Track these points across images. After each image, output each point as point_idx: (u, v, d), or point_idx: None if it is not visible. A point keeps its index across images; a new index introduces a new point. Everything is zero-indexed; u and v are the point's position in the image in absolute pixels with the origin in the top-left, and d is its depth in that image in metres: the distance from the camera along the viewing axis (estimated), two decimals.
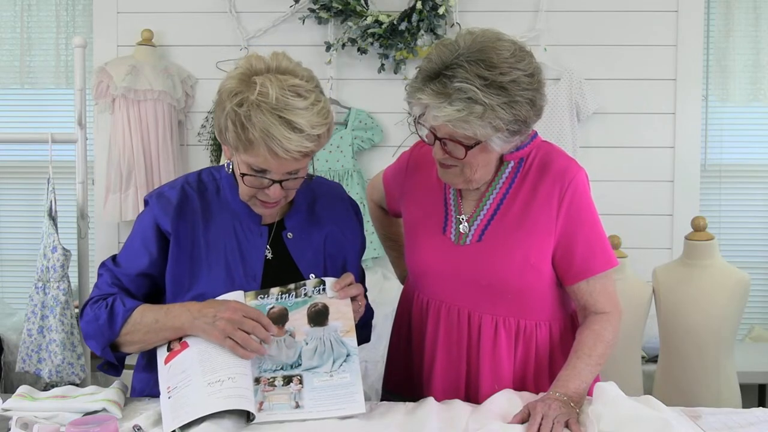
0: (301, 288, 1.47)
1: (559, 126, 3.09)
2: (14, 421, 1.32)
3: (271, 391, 1.38)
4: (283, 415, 1.36)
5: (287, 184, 1.45)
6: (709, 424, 1.38)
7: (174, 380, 1.36)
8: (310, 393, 1.39)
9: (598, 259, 1.53)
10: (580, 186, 1.52)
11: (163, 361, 1.41)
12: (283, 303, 1.45)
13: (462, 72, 1.36)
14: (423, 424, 1.36)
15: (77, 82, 2.49)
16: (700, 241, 2.27)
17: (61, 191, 2.59)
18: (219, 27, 3.21)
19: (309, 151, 1.40)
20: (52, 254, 2.44)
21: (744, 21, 3.22)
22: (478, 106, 1.36)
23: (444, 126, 1.41)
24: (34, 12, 3.34)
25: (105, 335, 1.46)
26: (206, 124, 3.18)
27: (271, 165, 1.39)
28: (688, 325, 2.23)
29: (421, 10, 3.01)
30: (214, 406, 1.30)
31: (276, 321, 1.43)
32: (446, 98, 1.37)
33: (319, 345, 1.43)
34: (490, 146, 1.44)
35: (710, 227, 2.30)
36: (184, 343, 1.41)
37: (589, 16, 3.18)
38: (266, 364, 1.40)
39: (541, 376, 1.57)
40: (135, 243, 1.54)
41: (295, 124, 1.35)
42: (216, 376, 1.33)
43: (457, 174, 1.50)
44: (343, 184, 3.10)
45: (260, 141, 1.35)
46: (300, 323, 1.44)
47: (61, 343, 2.42)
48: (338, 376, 1.42)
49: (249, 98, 1.35)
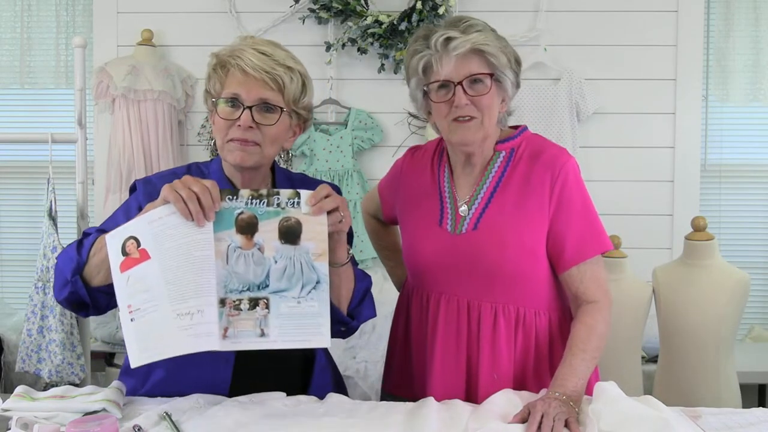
0: (273, 197, 1.34)
1: (559, 126, 3.09)
2: (14, 421, 1.32)
3: (236, 316, 1.31)
4: (248, 344, 1.31)
5: (259, 118, 1.46)
6: (709, 424, 1.38)
7: (137, 299, 1.27)
8: (275, 320, 1.32)
9: (591, 242, 1.56)
10: (571, 171, 1.56)
11: (118, 267, 1.30)
12: (253, 210, 1.33)
13: (464, 18, 1.55)
14: (423, 424, 1.36)
15: (77, 82, 2.50)
16: (700, 241, 2.27)
17: (61, 191, 2.59)
18: (219, 27, 3.21)
19: (278, 76, 1.46)
20: (52, 254, 2.44)
21: (744, 21, 3.22)
22: (491, 32, 1.54)
23: (465, 62, 1.51)
24: (34, 12, 3.34)
25: (74, 260, 1.43)
26: (206, 124, 3.18)
27: (241, 88, 1.45)
28: (688, 325, 2.23)
29: (421, 10, 3.02)
30: (186, 346, 1.24)
31: (244, 230, 1.32)
32: (464, 31, 1.51)
33: (288, 266, 1.34)
34: (504, 85, 1.55)
35: (710, 227, 2.30)
36: (144, 251, 1.29)
37: (589, 16, 3.18)
38: (232, 283, 1.31)
39: (542, 368, 1.58)
40: (118, 214, 1.52)
41: (267, 52, 1.47)
42: (185, 307, 1.26)
43: (477, 128, 1.54)
44: (343, 184, 3.10)
45: (234, 64, 1.46)
46: (270, 236, 1.34)
47: (60, 343, 2.43)
48: (306, 303, 1.34)
49: (231, 45, 1.50)
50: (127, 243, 1.30)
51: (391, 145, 3.16)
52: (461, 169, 1.64)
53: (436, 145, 1.73)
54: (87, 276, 1.43)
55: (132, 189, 1.58)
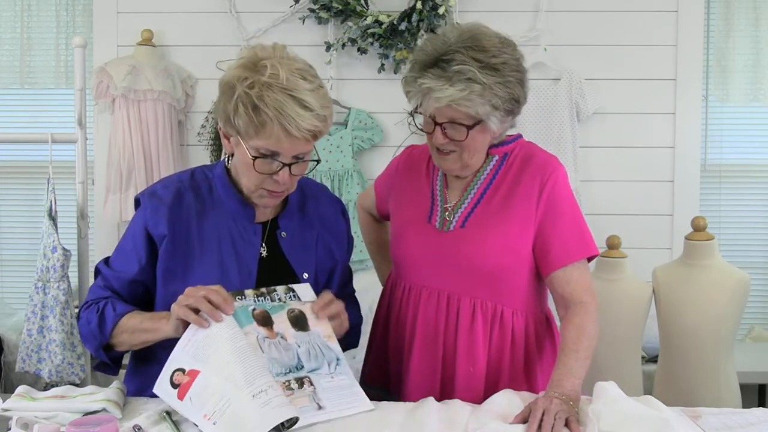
0: (273, 293, 1.46)
1: (559, 126, 3.09)
2: (14, 421, 1.32)
3: (292, 395, 1.36)
4: (311, 417, 1.35)
5: (295, 170, 1.46)
6: (709, 424, 1.38)
7: (208, 407, 1.27)
8: (323, 394, 1.40)
9: (576, 246, 1.59)
10: (560, 178, 1.61)
11: (177, 398, 1.32)
12: (263, 305, 1.44)
13: (459, 56, 1.48)
14: (423, 424, 1.36)
15: (77, 82, 2.50)
16: (700, 241, 2.27)
17: (61, 191, 2.59)
18: (219, 27, 3.21)
19: (318, 131, 1.42)
20: (52, 254, 2.44)
21: (744, 21, 3.22)
22: (477, 85, 1.47)
23: (445, 109, 1.50)
24: (34, 12, 3.34)
25: (97, 338, 1.50)
26: (206, 124, 3.18)
27: (283, 146, 1.40)
28: (687, 325, 2.23)
29: (421, 10, 3.01)
30: (272, 418, 1.24)
31: (263, 323, 1.42)
32: (447, 81, 1.47)
33: (310, 348, 1.44)
34: (488, 126, 1.54)
35: (710, 227, 2.30)
36: (191, 371, 1.32)
37: (589, 16, 3.18)
38: (275, 367, 1.38)
39: (516, 368, 1.61)
40: (127, 246, 1.55)
41: (305, 102, 1.38)
42: (257, 386, 1.27)
43: (455, 160, 1.58)
44: (343, 184, 3.10)
45: (273, 120, 1.37)
46: (285, 326, 1.44)
47: (60, 343, 2.43)
48: (338, 378, 1.44)
49: (260, 80, 1.38)
50: (174, 377, 1.34)
51: (391, 145, 3.15)
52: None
53: None
54: (112, 347, 1.52)
55: (137, 204, 1.58)
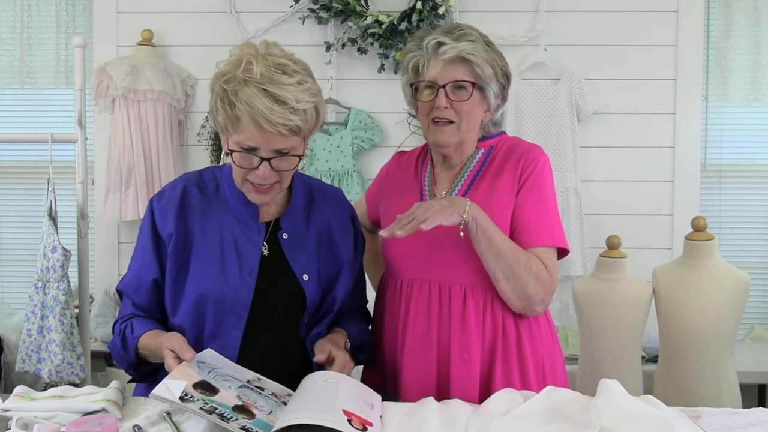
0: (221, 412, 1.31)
1: (559, 126, 3.09)
2: (14, 421, 1.32)
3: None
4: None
5: (278, 164, 1.45)
6: (709, 424, 1.38)
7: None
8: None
9: (544, 233, 1.62)
10: (541, 163, 1.66)
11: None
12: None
13: (461, 26, 1.63)
14: (423, 424, 1.36)
15: (77, 82, 2.50)
16: (700, 241, 2.27)
17: (61, 191, 2.59)
18: (219, 27, 3.21)
19: (294, 125, 1.40)
20: (51, 254, 2.44)
21: (744, 21, 3.22)
22: (481, 45, 1.61)
23: (450, 67, 1.60)
24: (34, 12, 3.34)
25: (125, 360, 1.58)
26: (206, 124, 3.18)
27: (257, 140, 1.41)
28: (688, 325, 2.23)
29: (421, 10, 3.01)
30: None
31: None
32: (458, 37, 1.60)
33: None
34: (487, 95, 1.64)
35: (710, 227, 2.30)
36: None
37: (589, 16, 3.18)
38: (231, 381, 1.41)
39: (509, 354, 1.62)
40: (139, 252, 1.59)
41: (278, 96, 1.38)
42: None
43: (453, 132, 1.64)
44: (343, 184, 3.10)
45: (245, 114, 1.38)
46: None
47: (60, 343, 2.42)
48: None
49: (236, 75, 1.40)
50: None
51: (391, 145, 3.15)
52: (441, 166, 1.74)
53: (423, 147, 1.83)
54: (144, 362, 1.56)
55: (149, 206, 1.61)
